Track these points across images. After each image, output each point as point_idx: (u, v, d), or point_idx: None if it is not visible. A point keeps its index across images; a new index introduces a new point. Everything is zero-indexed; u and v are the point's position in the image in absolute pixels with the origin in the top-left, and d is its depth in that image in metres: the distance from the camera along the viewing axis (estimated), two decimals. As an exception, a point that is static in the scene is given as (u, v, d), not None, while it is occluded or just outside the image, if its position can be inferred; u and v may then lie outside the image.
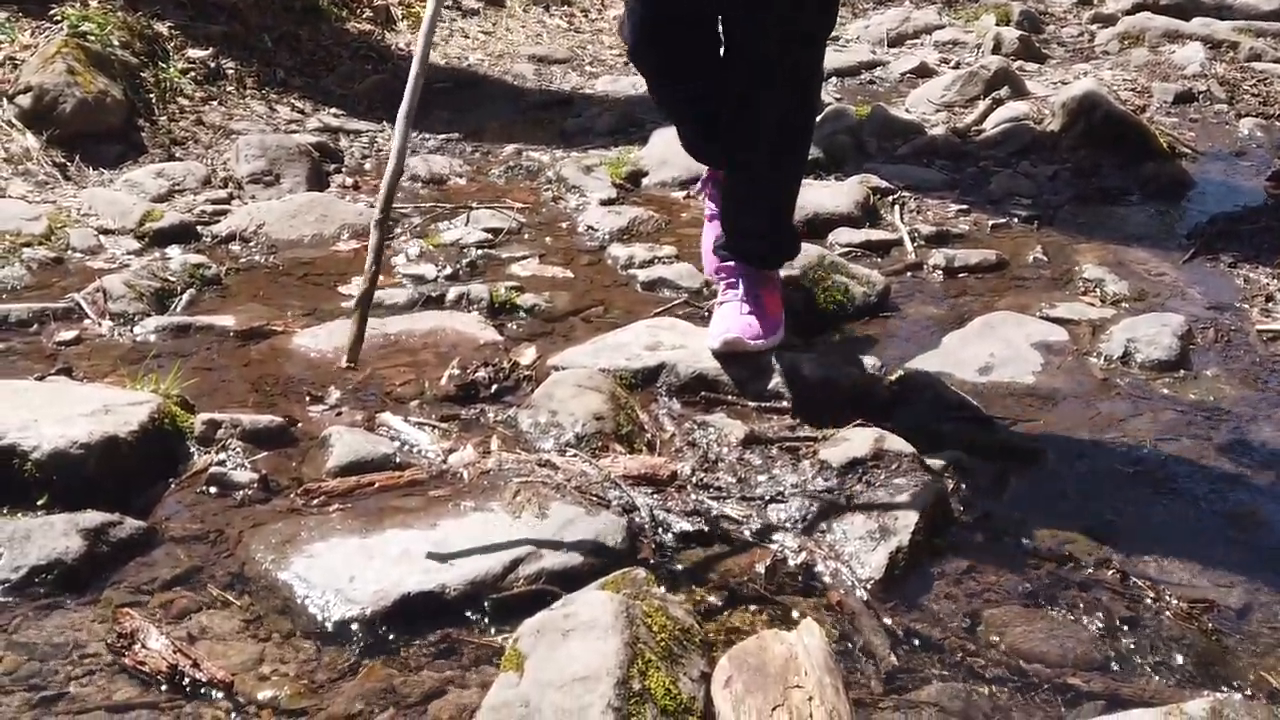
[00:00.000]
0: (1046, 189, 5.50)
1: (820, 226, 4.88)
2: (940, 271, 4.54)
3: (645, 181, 5.60)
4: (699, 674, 2.24)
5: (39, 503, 2.76)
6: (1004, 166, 5.82)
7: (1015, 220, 5.12)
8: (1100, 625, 2.53)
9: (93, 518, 2.67)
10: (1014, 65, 7.33)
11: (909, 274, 4.53)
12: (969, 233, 4.99)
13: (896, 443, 3.04)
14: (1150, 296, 4.28)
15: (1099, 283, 4.36)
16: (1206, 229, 4.95)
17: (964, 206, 5.28)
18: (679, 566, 2.67)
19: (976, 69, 6.99)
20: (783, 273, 3.86)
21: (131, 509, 2.77)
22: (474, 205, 5.05)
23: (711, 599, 2.57)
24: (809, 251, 4.22)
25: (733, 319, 3.55)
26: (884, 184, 5.40)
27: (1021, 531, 2.85)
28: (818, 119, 6.29)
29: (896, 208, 5.20)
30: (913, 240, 4.84)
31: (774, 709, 1.95)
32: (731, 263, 3.69)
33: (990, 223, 5.09)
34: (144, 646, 2.33)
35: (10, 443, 2.82)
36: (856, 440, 3.05)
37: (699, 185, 4.50)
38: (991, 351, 3.75)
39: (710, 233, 4.06)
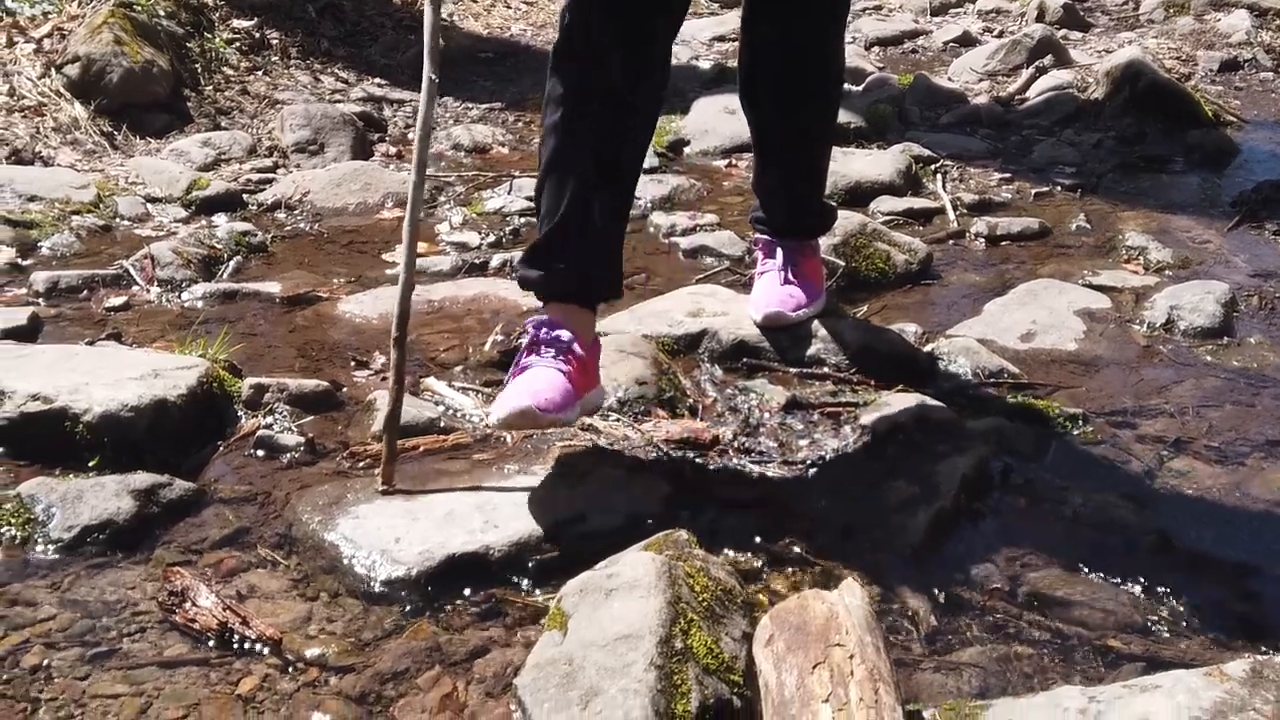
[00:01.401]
0: (1090, 157, 5.48)
1: (862, 195, 4.90)
2: (982, 239, 4.54)
3: (687, 150, 5.61)
4: (741, 634, 2.26)
5: (90, 464, 2.80)
6: (1047, 135, 5.81)
7: (1058, 188, 5.11)
8: (1141, 588, 2.53)
9: (143, 479, 2.72)
10: (1058, 34, 7.30)
11: (951, 242, 4.54)
12: (1012, 201, 4.99)
13: (937, 408, 3.06)
14: (1194, 264, 4.27)
15: (1142, 250, 4.35)
16: (1251, 196, 4.92)
17: (1007, 175, 5.27)
18: (721, 528, 2.68)
19: (1020, 37, 6.97)
20: (824, 240, 3.87)
21: (180, 471, 2.81)
22: (516, 174, 5.08)
23: (753, 561, 2.59)
24: (851, 219, 4.23)
25: (773, 290, 3.53)
26: (926, 152, 5.40)
27: (1062, 497, 2.85)
28: (861, 87, 6.31)
29: (939, 176, 5.20)
30: (955, 208, 4.84)
31: (815, 667, 1.96)
32: (768, 235, 3.65)
33: (1033, 191, 5.08)
34: (194, 604, 2.37)
35: (62, 405, 2.87)
36: (898, 405, 3.06)
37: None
38: (1033, 319, 3.75)
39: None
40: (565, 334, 2.80)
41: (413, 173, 2.71)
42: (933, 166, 5.29)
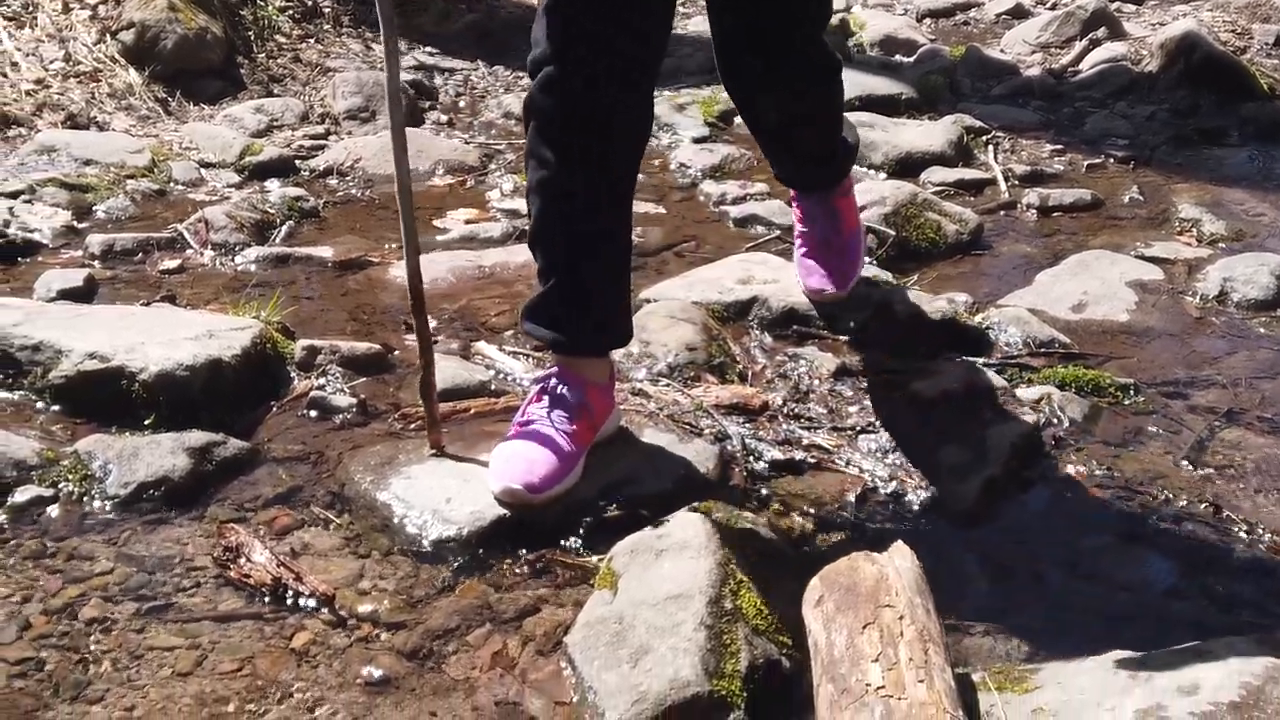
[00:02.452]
0: (1143, 129, 5.44)
1: (913, 165, 4.88)
2: (1034, 210, 4.52)
3: (737, 120, 5.58)
4: (790, 595, 2.27)
5: (146, 422, 2.83)
6: (1100, 107, 5.77)
7: (1111, 160, 5.08)
8: (1193, 556, 2.53)
9: (198, 437, 2.75)
10: (1111, 6, 7.22)
11: (1002, 213, 4.52)
12: (1064, 172, 4.96)
13: (988, 376, 3.06)
14: (1248, 236, 4.23)
15: (1196, 222, 4.32)
16: (1307, 169, 4.89)
17: (1059, 146, 5.24)
18: (770, 493, 2.69)
19: (1073, 9, 6.90)
20: (875, 210, 3.87)
21: (234, 430, 2.84)
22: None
23: (802, 525, 2.60)
24: (902, 189, 4.23)
25: (818, 264, 3.44)
26: (978, 124, 5.37)
27: (1113, 465, 2.85)
28: (913, 59, 6.29)
29: (990, 147, 5.17)
30: (1006, 179, 4.82)
31: (864, 627, 1.97)
32: (799, 199, 3.52)
33: (1085, 163, 5.05)
34: (249, 560, 2.40)
35: (119, 364, 2.90)
36: (948, 373, 3.06)
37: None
38: (1085, 289, 3.73)
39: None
40: (574, 393, 2.69)
41: (394, 147, 2.60)
42: (984, 138, 5.27)
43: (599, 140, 2.61)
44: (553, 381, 2.72)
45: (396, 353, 3.24)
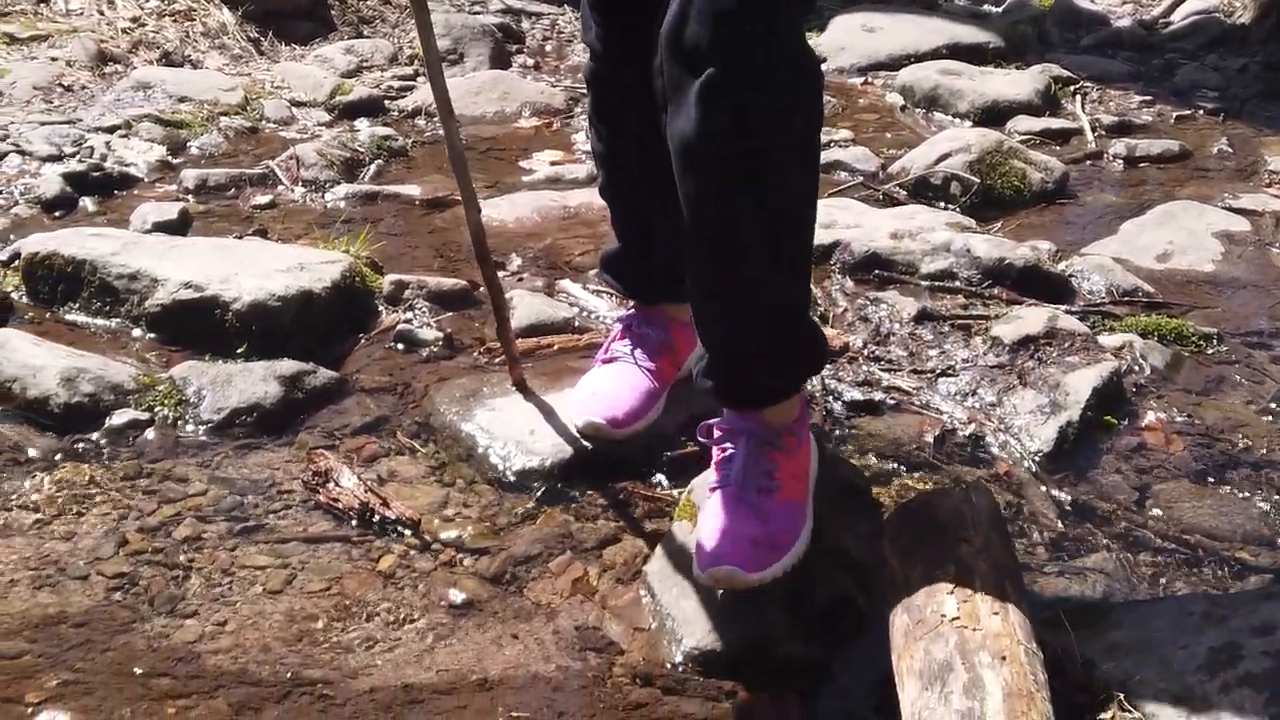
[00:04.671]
0: (1234, 82, 5.38)
1: (999, 114, 4.88)
2: (1120, 160, 4.50)
3: (823, 68, 5.58)
4: (867, 531, 2.30)
5: (238, 351, 2.90)
6: (1191, 59, 5.72)
7: (1200, 112, 5.04)
8: (1270, 503, 2.53)
9: (289, 366, 2.81)
10: (1206, -43, 7.13)
11: (1088, 162, 4.50)
12: (1152, 123, 4.93)
13: (1070, 322, 3.05)
14: (1338, 190, 4.20)
15: (1285, 174, 4.29)
16: (1399, 124, 4.82)
17: (1148, 98, 5.20)
18: (849, 433, 2.72)
19: (1167, -40, 6.82)
20: (960, 158, 3.85)
21: (323, 360, 2.90)
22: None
23: (880, 464, 2.62)
24: (987, 136, 4.22)
25: (725, 529, 2.16)
26: (1066, 74, 5.35)
27: (1194, 413, 2.84)
28: (1000, 8, 6.24)
29: (1078, 97, 5.14)
30: (1093, 129, 4.79)
31: (941, 561, 1.99)
32: (724, 415, 2.32)
33: (1174, 114, 5.01)
34: (337, 485, 2.46)
35: (213, 294, 2.97)
36: (1030, 318, 3.06)
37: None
38: (1170, 239, 3.72)
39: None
40: (657, 331, 2.67)
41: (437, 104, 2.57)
42: (1072, 88, 5.24)
43: (638, 128, 2.41)
44: (636, 320, 2.71)
45: (481, 289, 3.28)
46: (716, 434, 2.27)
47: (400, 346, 3.02)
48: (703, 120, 1.97)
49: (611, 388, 2.62)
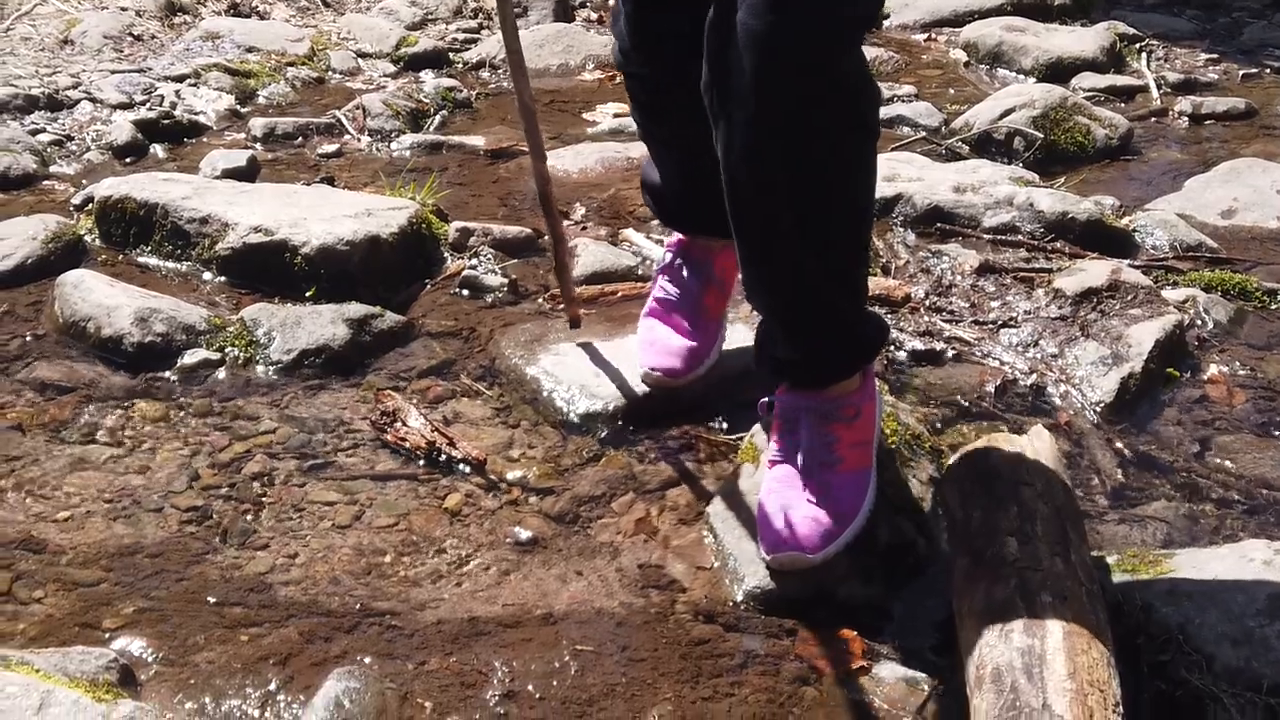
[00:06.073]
0: (1302, 40, 5.34)
1: (1063, 71, 4.85)
2: (1186, 118, 4.48)
3: (886, 23, 5.58)
4: (927, 477, 2.32)
5: (307, 294, 2.95)
6: (1258, 18, 5.67)
7: (1267, 71, 5.00)
8: (1333, 457, 2.54)
9: (356, 309, 2.85)
10: (1276, -86, 7.05)
11: (1153, 119, 4.48)
12: (1218, 81, 4.90)
13: (1133, 275, 3.05)
14: (1405, 149, 4.16)
15: (1353, 134, 4.26)
16: None
17: (1214, 56, 5.16)
18: (910, 381, 2.73)
19: (1236, -83, 6.75)
20: (1024, 113, 3.84)
21: (390, 304, 2.94)
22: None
23: (941, 413, 2.63)
24: (1052, 92, 4.21)
25: (786, 510, 2.14)
26: (1131, 31, 5.30)
27: (1255, 367, 2.84)
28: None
29: (1143, 55, 5.11)
30: (1158, 86, 4.77)
31: (1002, 503, 2.01)
32: (781, 393, 2.27)
33: (1241, 72, 4.98)
34: (404, 425, 2.50)
35: (282, 238, 3.01)
36: (1093, 271, 3.06)
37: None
38: (1235, 196, 3.70)
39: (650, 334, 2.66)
40: (699, 267, 2.62)
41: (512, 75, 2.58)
42: (1137, 45, 5.20)
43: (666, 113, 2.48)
44: (676, 259, 2.66)
45: (545, 237, 3.31)
46: (775, 409, 2.24)
47: (465, 292, 3.06)
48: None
49: (665, 335, 2.61)
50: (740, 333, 2.75)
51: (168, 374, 2.68)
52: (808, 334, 2.18)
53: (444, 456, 2.44)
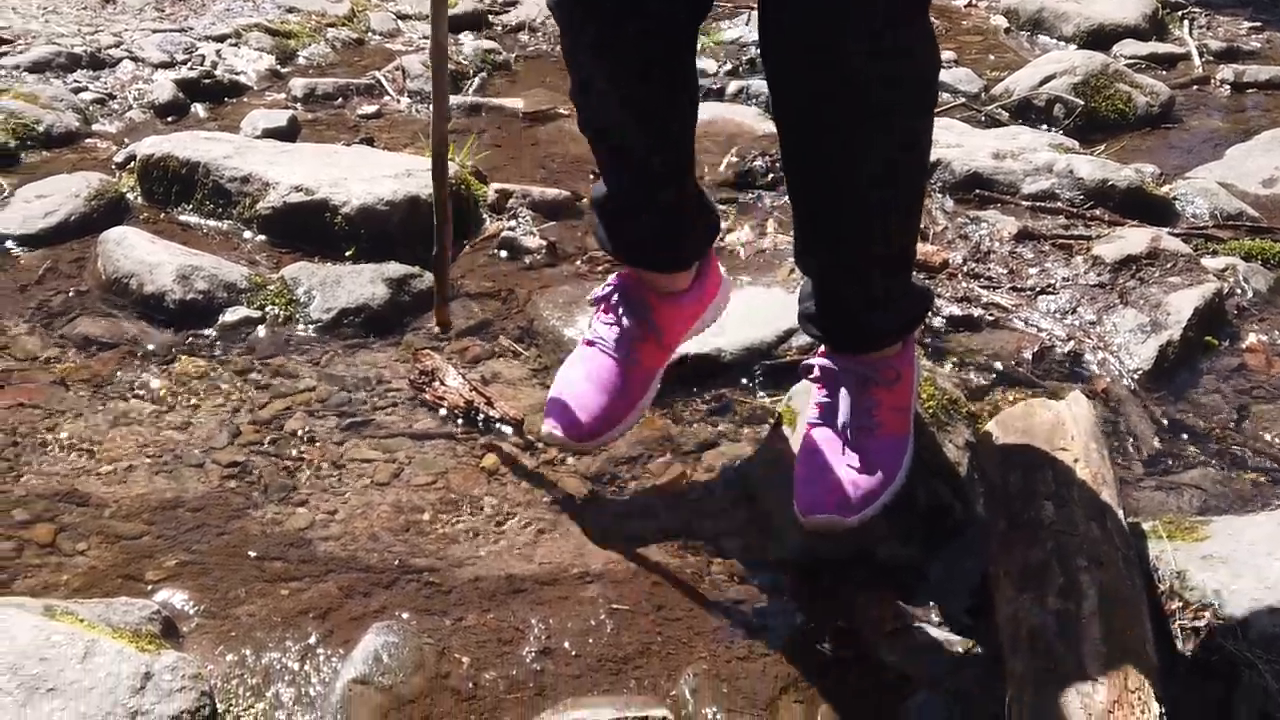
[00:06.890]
0: (1348, 9, 5.30)
1: (1104, 38, 4.84)
2: (1228, 86, 4.46)
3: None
4: (964, 442, 2.32)
5: (346, 253, 2.96)
6: (1303, -15, 5.61)
7: (1312, 40, 4.97)
8: (1372, 426, 2.53)
9: (396, 269, 2.87)
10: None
11: (1195, 87, 4.46)
12: (1261, 50, 4.87)
13: (1173, 243, 3.04)
14: None
15: (1398, 103, 4.23)
16: None
17: (1257, 24, 5.13)
18: (947, 347, 2.73)
19: (1282, -116, 6.68)
20: (1065, 80, 3.83)
21: (429, 265, 2.94)
22: (754, 5, 5.08)
23: (978, 379, 2.63)
24: (1093, 59, 4.20)
25: (825, 473, 2.11)
26: (1174, -1, 5.28)
27: (1297, 336, 2.85)
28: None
29: (1186, 22, 5.08)
30: (1200, 54, 4.74)
31: (1039, 468, 2.01)
32: (823, 356, 2.22)
33: (1284, 40, 4.95)
34: (442, 384, 2.51)
35: (322, 197, 3.03)
36: (1132, 238, 3.06)
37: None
38: (1277, 165, 3.68)
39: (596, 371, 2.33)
40: (635, 310, 2.31)
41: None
42: (1179, 13, 5.18)
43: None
44: (618, 291, 2.34)
45: (584, 200, 3.32)
46: (815, 373, 2.20)
47: (504, 254, 3.07)
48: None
49: (581, 387, 2.27)
50: (778, 295, 2.75)
51: (209, 331, 2.70)
52: (858, 300, 2.14)
53: (482, 416, 2.45)
